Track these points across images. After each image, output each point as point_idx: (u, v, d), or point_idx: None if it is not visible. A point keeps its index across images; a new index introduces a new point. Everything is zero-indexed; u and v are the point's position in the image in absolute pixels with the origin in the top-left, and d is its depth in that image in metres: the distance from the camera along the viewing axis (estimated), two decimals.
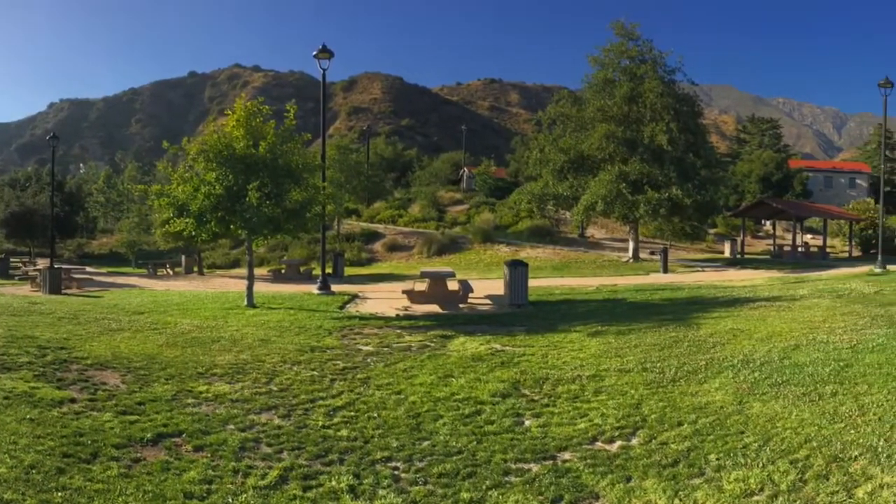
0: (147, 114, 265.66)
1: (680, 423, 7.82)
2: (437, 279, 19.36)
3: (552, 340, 13.29)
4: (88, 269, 37.26)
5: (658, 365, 10.86)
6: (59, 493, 5.49)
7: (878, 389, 8.75)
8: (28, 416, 7.39)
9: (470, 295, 19.36)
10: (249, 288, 18.69)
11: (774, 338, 12.92)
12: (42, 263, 33.95)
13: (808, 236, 59.18)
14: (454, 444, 7.26)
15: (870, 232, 47.76)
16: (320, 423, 7.98)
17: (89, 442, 6.80)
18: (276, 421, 8.07)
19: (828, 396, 8.58)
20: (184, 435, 7.34)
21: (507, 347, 12.71)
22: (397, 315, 17.07)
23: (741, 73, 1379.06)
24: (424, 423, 8.03)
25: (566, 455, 6.97)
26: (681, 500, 5.81)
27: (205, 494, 5.83)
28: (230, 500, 5.74)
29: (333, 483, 6.13)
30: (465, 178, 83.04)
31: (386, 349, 12.51)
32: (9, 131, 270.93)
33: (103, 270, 38.15)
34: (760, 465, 6.40)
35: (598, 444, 7.33)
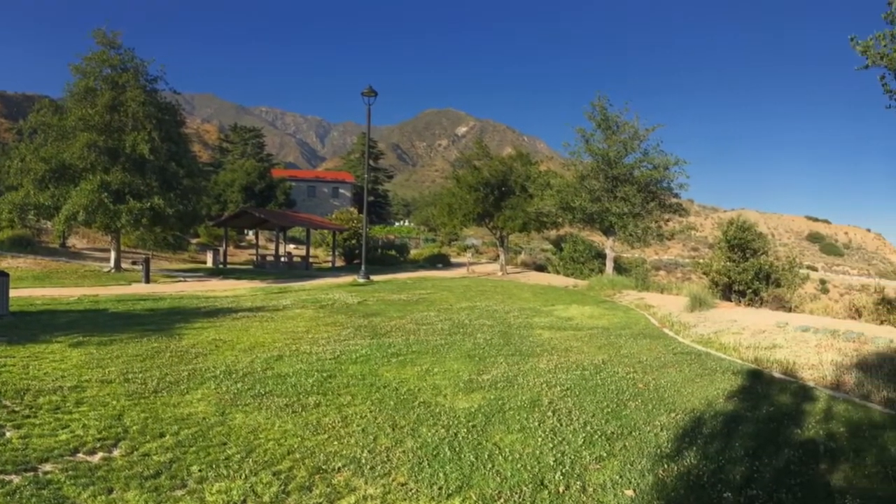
0: None
1: (162, 435, 7.82)
2: None
3: (33, 351, 12.71)
4: None
5: (140, 376, 10.76)
6: None
7: (361, 401, 9.51)
8: None
9: None
10: None
11: (258, 348, 13.45)
12: None
13: (292, 246, 62.85)
14: None
15: (353, 242, 51.98)
16: None
17: None
18: None
19: (311, 407, 9.08)
20: None
21: None
22: None
23: (224, 82, 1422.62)
24: None
25: (48, 467, 6.81)
26: None
27: None
28: None
29: None
30: None
31: None
32: None
33: None
34: (243, 476, 6.58)
35: (80, 455, 7.15)
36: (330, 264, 50.74)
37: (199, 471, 6.69)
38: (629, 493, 6.50)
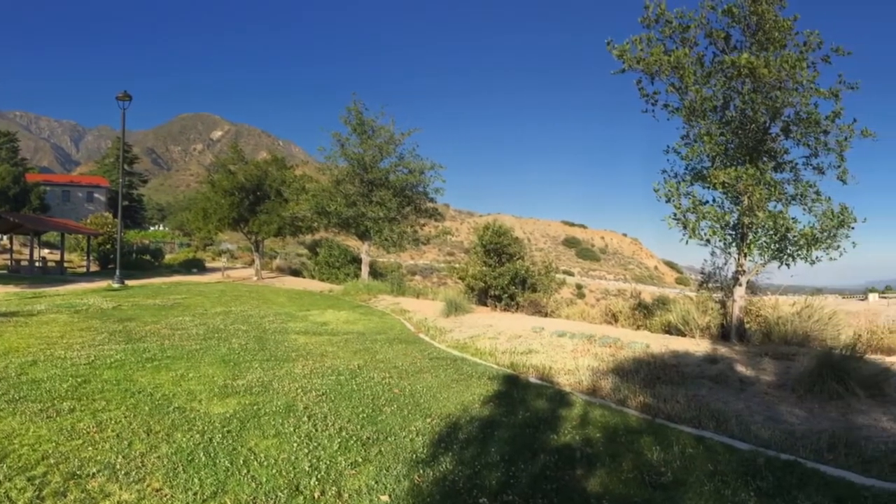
0: None
1: None
2: None
3: None
4: None
5: None
6: None
7: (116, 406, 9.12)
8: None
9: None
10: None
11: (12, 353, 12.64)
12: None
13: (47, 251, 58.96)
14: None
15: (108, 246, 49.43)
16: None
17: None
18: None
19: (66, 413, 8.65)
20: None
21: None
22: None
23: None
24: None
25: None
26: None
27: None
28: None
29: None
30: None
31: None
32: None
33: None
34: None
35: None
36: (85, 269, 47.73)
37: None
38: (384, 498, 6.44)
